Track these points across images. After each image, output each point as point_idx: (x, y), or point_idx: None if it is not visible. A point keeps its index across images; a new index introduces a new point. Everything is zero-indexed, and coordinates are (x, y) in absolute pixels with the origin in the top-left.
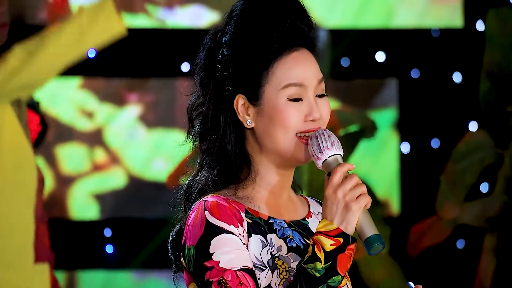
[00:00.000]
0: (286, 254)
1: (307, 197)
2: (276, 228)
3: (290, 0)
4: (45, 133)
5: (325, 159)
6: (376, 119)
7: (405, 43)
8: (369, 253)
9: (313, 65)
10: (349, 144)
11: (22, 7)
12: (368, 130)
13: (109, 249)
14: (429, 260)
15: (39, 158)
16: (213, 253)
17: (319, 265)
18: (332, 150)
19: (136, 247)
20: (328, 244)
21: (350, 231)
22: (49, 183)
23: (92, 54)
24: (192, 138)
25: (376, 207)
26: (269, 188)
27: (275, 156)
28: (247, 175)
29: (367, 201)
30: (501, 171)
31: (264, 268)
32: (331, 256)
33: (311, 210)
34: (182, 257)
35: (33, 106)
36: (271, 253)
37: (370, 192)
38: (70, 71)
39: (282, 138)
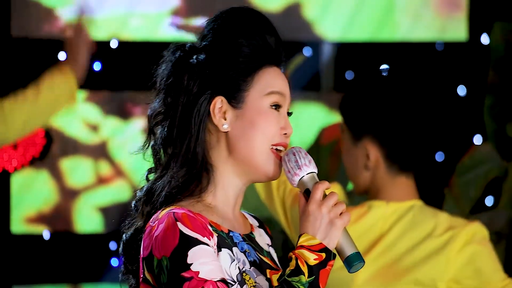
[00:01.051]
0: (249, 268)
1: (242, 211)
2: (236, 242)
3: (268, 21)
4: (50, 146)
5: (303, 176)
6: None
7: (410, 56)
8: (350, 271)
9: (287, 84)
10: None
11: (27, 20)
12: None
13: (114, 262)
14: None
15: (44, 171)
16: (192, 263)
17: (303, 279)
18: (309, 167)
19: None
20: (312, 258)
21: (332, 246)
22: (54, 197)
23: (97, 67)
24: (155, 145)
25: None
26: (227, 201)
27: (244, 164)
28: (206, 184)
29: (349, 218)
30: (506, 184)
31: (233, 283)
32: (314, 270)
33: (251, 223)
34: (146, 269)
35: None
36: (238, 267)
37: None
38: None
39: (259, 144)
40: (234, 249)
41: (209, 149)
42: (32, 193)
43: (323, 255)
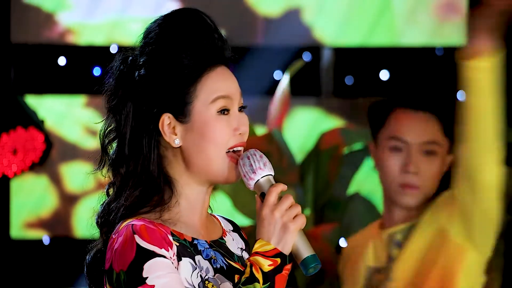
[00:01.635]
0: (214, 276)
1: (215, 215)
2: (200, 250)
3: (205, 20)
4: (49, 152)
5: (258, 180)
6: None
7: (410, 61)
8: (306, 273)
9: (234, 79)
10: (353, 162)
11: (27, 25)
12: None
13: None
14: None
15: (43, 177)
16: (147, 277)
17: (258, 286)
18: (264, 170)
19: None
20: (266, 264)
21: (287, 251)
22: (53, 202)
23: (97, 73)
24: (107, 165)
25: None
26: (191, 208)
27: (203, 174)
28: (170, 196)
29: (303, 221)
30: (505, 189)
31: None
32: (269, 277)
33: (224, 228)
34: (107, 283)
35: (38, 124)
36: (200, 276)
37: (375, 210)
38: (75, 90)
39: (213, 154)
40: (197, 257)
41: (166, 164)
42: (31, 198)
43: (278, 260)
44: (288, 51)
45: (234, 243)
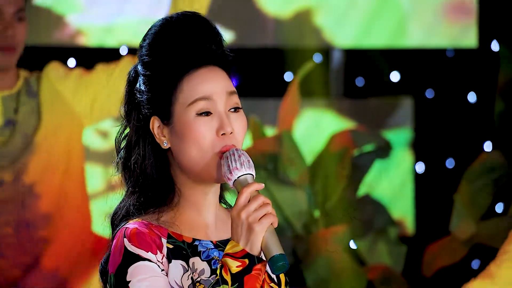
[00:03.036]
0: (209, 277)
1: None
2: (200, 251)
3: (197, 20)
4: None
5: (235, 180)
6: (391, 139)
7: (420, 63)
8: (273, 272)
9: (221, 79)
10: (364, 164)
11: (37, 27)
12: (383, 150)
13: None
14: (444, 280)
15: None
16: (130, 281)
17: None
18: (241, 170)
19: None
20: (234, 266)
21: (255, 251)
22: None
23: None
24: (117, 168)
25: (391, 227)
26: (194, 209)
27: (192, 174)
28: (169, 197)
29: (271, 221)
30: None
31: None
32: (237, 278)
33: None
34: (106, 285)
35: None
36: (192, 278)
37: (385, 212)
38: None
39: (196, 155)
40: (193, 259)
41: (165, 165)
42: None
43: (246, 261)
44: (299, 53)
45: None
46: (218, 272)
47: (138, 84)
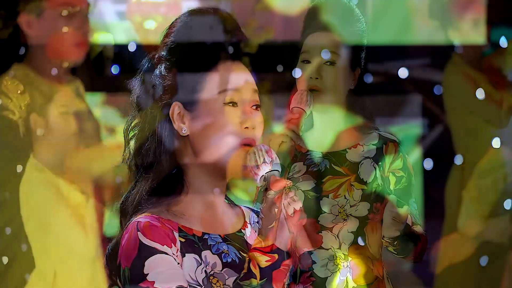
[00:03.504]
0: (221, 270)
1: (242, 206)
2: (210, 244)
3: (227, 17)
4: None
5: (262, 175)
6: (399, 136)
7: (428, 59)
8: (302, 268)
9: (248, 75)
10: None
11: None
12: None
13: None
14: (452, 277)
15: None
16: (148, 273)
17: (254, 282)
18: (269, 166)
19: None
20: (263, 260)
21: (284, 247)
22: None
23: (115, 71)
24: (128, 158)
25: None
26: (203, 202)
27: (211, 163)
28: (180, 188)
29: (301, 217)
30: None
31: (199, 287)
32: (266, 272)
33: (246, 220)
34: (118, 278)
35: None
36: (205, 271)
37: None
38: (93, 88)
39: (218, 141)
40: (205, 252)
41: (179, 154)
42: None
43: (276, 256)
44: None
45: (255, 235)
46: (245, 265)
47: (158, 70)
